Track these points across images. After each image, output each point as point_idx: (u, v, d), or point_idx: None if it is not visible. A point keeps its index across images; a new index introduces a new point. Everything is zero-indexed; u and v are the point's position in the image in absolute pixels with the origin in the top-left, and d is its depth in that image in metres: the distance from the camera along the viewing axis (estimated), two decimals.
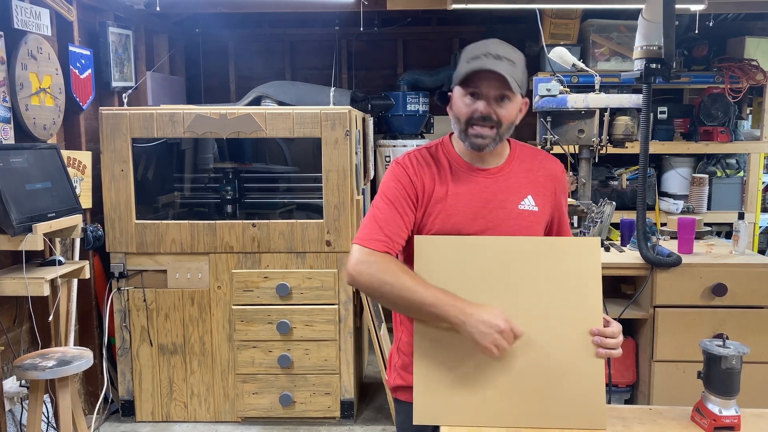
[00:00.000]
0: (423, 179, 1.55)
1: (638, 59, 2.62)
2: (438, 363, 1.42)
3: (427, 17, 4.66)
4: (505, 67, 1.44)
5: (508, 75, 1.43)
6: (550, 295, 1.41)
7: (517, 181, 1.57)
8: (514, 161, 1.59)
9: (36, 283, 2.51)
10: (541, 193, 1.58)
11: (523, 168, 1.59)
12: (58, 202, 2.67)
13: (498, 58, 1.45)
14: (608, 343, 1.39)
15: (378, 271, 1.44)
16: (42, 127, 2.84)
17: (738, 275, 2.71)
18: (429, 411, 1.42)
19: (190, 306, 3.23)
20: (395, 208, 1.52)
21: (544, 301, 1.40)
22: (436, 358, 1.42)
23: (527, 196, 1.56)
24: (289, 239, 3.17)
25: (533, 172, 1.59)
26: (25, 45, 2.70)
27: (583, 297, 1.40)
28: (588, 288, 1.41)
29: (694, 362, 2.70)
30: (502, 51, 1.47)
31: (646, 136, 2.62)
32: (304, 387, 3.25)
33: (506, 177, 1.57)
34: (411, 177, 1.55)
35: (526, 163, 1.60)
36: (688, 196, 4.10)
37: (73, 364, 2.45)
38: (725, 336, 1.48)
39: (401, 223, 1.51)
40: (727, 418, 1.41)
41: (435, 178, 1.56)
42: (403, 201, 1.53)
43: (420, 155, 1.60)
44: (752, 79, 3.93)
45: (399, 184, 1.55)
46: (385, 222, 1.51)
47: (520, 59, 1.50)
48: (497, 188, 1.55)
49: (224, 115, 3.13)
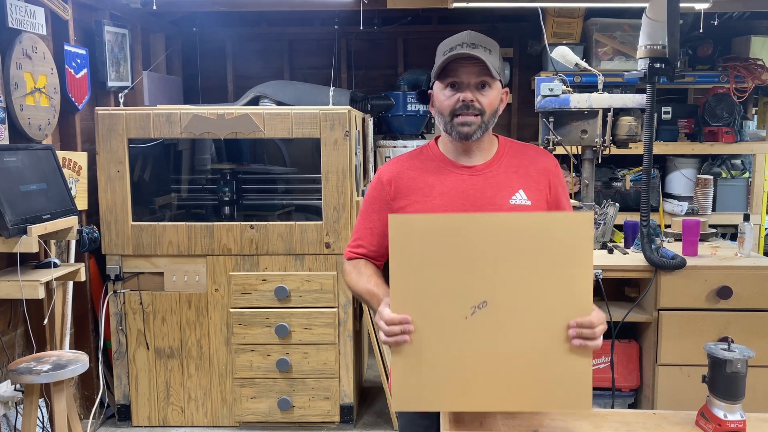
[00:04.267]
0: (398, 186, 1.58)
1: (642, 58, 2.61)
2: (417, 347, 1.35)
3: (428, 16, 4.63)
4: (482, 53, 1.45)
5: (487, 60, 1.44)
6: (536, 275, 1.31)
7: (506, 177, 1.55)
8: (503, 157, 1.58)
9: (31, 285, 2.49)
10: (534, 187, 1.56)
11: (512, 164, 1.58)
12: (53, 203, 2.65)
13: (473, 46, 1.46)
14: (584, 333, 1.29)
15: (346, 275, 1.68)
16: (37, 128, 2.81)
17: (743, 278, 2.69)
18: (408, 397, 1.36)
19: (187, 309, 3.20)
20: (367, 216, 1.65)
21: (530, 282, 1.31)
22: (415, 342, 1.34)
23: (518, 191, 1.54)
24: (288, 241, 3.14)
25: (524, 167, 1.58)
26: (19, 44, 2.67)
27: (572, 277, 1.31)
28: (578, 267, 1.31)
29: (698, 366, 2.71)
30: (477, 39, 1.48)
31: (650, 137, 2.60)
32: (302, 391, 3.21)
33: (494, 173, 1.56)
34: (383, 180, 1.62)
35: (516, 158, 1.59)
36: (693, 197, 4.07)
37: (69, 368, 2.43)
38: (730, 339, 1.46)
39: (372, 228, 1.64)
40: (732, 422, 1.39)
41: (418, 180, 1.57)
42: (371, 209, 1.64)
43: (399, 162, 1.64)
44: (758, 78, 3.90)
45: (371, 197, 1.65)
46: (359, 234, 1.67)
47: (496, 47, 1.51)
48: (485, 185, 1.54)
49: (222, 115, 3.10)
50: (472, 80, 1.47)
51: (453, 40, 1.50)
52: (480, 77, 1.47)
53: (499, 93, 1.53)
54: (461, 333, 1.32)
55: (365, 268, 1.63)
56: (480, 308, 1.32)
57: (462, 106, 1.47)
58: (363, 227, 1.66)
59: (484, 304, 1.32)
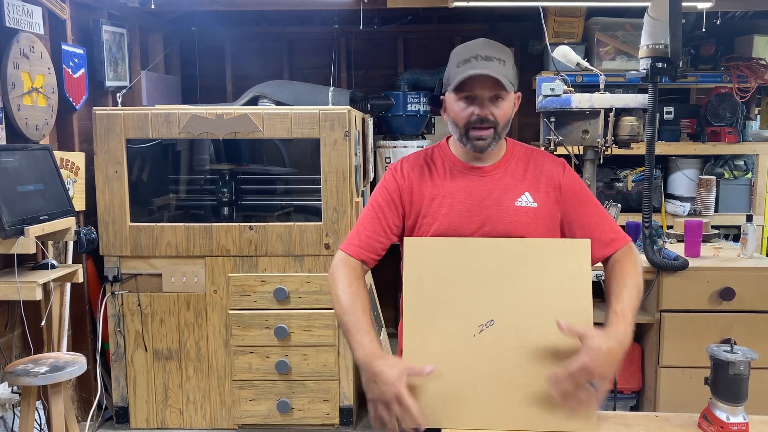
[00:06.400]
0: (412, 182, 1.59)
1: (644, 58, 2.61)
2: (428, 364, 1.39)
3: (428, 15, 4.61)
4: (496, 68, 1.45)
5: (501, 76, 1.44)
6: (540, 297, 1.40)
7: (513, 179, 1.57)
8: (511, 159, 1.60)
9: (28, 287, 2.48)
10: (542, 189, 1.57)
11: (520, 166, 1.59)
12: (50, 204, 2.64)
13: (488, 59, 1.46)
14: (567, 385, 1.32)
15: (334, 281, 1.54)
16: (34, 128, 2.80)
17: (746, 279, 2.68)
18: None
19: (185, 310, 3.18)
20: (376, 214, 1.60)
21: (534, 303, 1.40)
22: (424, 360, 1.39)
23: (524, 193, 1.56)
24: (287, 242, 3.12)
25: (531, 170, 1.59)
26: (17, 43, 2.66)
27: (573, 299, 1.40)
28: (578, 290, 1.40)
29: (700, 368, 2.69)
30: (491, 51, 1.48)
31: (652, 137, 2.60)
32: (302, 393, 3.19)
33: (502, 175, 1.58)
34: (398, 181, 1.60)
35: (523, 161, 1.61)
36: (695, 198, 4.05)
37: (66, 370, 2.43)
38: (733, 341, 1.46)
39: (379, 228, 1.59)
40: (734, 425, 1.39)
41: (428, 180, 1.58)
42: (385, 206, 1.60)
43: (414, 159, 1.64)
44: (761, 78, 3.88)
45: (384, 190, 1.61)
46: (363, 228, 1.61)
47: (509, 56, 1.51)
48: (493, 186, 1.56)
49: (221, 115, 3.08)
50: (486, 94, 1.48)
51: (467, 49, 1.50)
52: (494, 91, 1.48)
53: (512, 102, 1.54)
54: (469, 351, 1.39)
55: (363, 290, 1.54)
56: (487, 326, 1.40)
57: (477, 119, 1.49)
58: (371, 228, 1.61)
59: (491, 323, 1.40)
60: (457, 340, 1.39)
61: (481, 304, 1.40)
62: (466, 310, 1.40)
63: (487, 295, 1.40)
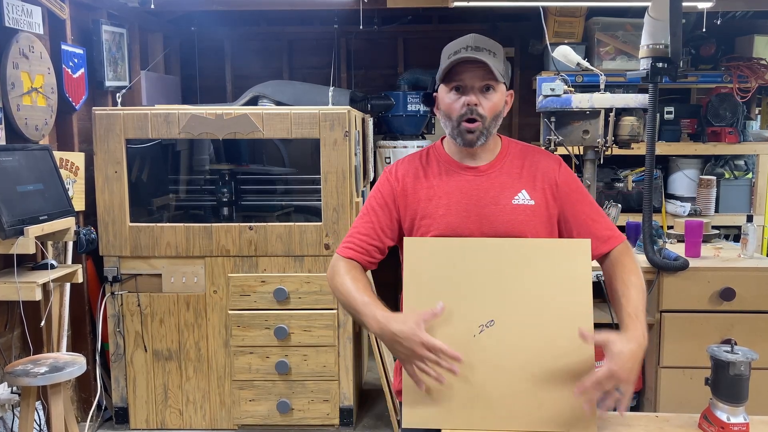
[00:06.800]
0: (406, 185, 1.59)
1: (644, 58, 2.60)
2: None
3: (428, 15, 4.60)
4: (486, 57, 1.46)
5: (491, 63, 1.45)
6: (540, 298, 1.41)
7: (509, 177, 1.57)
8: (506, 157, 1.60)
9: (27, 287, 2.48)
10: (539, 187, 1.56)
11: (515, 164, 1.59)
12: (50, 204, 2.64)
13: (477, 50, 1.47)
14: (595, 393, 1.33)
15: (333, 275, 1.56)
16: (34, 128, 2.80)
17: (746, 279, 2.68)
18: (418, 414, 1.42)
19: (185, 311, 3.17)
20: (370, 218, 1.60)
21: (534, 304, 1.40)
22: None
23: (521, 191, 1.55)
24: (287, 242, 3.12)
25: (526, 168, 1.59)
26: (16, 43, 2.66)
27: (573, 299, 1.40)
28: (578, 290, 1.40)
29: (701, 368, 2.67)
30: (481, 43, 1.50)
31: (653, 137, 2.60)
32: (302, 394, 3.19)
33: (497, 173, 1.57)
34: (392, 185, 1.61)
35: (519, 159, 1.60)
36: (696, 198, 4.04)
37: (66, 371, 2.42)
38: (733, 341, 1.47)
39: (372, 231, 1.59)
40: (735, 425, 1.39)
41: (423, 181, 1.59)
42: (379, 209, 1.60)
43: (408, 161, 1.65)
44: (761, 78, 3.87)
45: (379, 193, 1.62)
46: (356, 231, 1.61)
47: (500, 50, 1.53)
48: (489, 185, 1.56)
49: (220, 115, 3.07)
50: (476, 83, 1.49)
51: (457, 43, 1.51)
52: (484, 81, 1.49)
53: (503, 96, 1.55)
54: (470, 351, 1.39)
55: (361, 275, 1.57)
56: (487, 326, 1.40)
57: (468, 111, 1.49)
58: (364, 229, 1.62)
59: (492, 323, 1.40)
60: (458, 340, 1.38)
61: (482, 305, 1.40)
62: (467, 311, 1.40)
63: (488, 296, 1.41)
